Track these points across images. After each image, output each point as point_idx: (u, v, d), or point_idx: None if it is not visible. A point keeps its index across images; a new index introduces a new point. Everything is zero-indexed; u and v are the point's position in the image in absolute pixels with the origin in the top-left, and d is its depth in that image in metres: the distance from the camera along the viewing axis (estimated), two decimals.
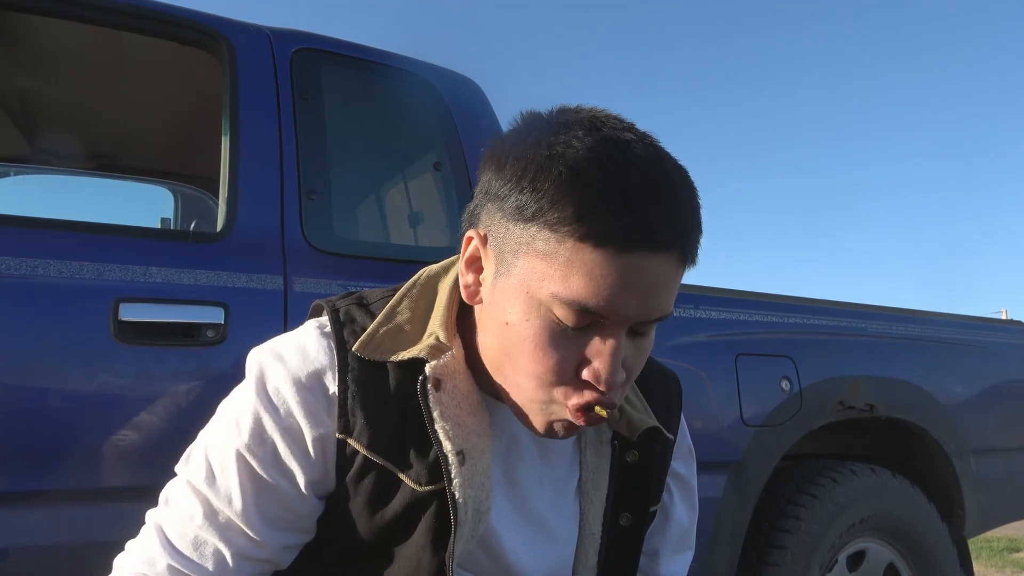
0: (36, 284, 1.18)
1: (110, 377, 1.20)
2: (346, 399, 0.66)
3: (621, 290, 0.57)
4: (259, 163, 1.43)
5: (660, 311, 0.60)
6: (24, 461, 1.13)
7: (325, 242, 1.44)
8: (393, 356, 0.68)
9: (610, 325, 0.60)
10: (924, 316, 2.33)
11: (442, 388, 0.66)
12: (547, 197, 0.58)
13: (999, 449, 2.28)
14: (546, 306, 0.60)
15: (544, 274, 0.59)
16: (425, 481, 0.67)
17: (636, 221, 0.56)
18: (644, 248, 0.57)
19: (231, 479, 0.67)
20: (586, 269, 0.57)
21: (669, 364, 0.91)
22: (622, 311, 0.58)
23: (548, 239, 0.58)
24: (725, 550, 1.71)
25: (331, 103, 1.57)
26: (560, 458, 0.76)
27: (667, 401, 0.82)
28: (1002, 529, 4.24)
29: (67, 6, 1.44)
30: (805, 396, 1.84)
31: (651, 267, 0.58)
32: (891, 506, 1.95)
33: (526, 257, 0.60)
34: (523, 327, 0.61)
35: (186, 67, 1.84)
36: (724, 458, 1.73)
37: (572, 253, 0.57)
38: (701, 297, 1.83)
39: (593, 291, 0.57)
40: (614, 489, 0.76)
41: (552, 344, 0.60)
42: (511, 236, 0.62)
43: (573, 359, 0.61)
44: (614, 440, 0.76)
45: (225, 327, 1.27)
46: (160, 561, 0.66)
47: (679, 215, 0.59)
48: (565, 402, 0.62)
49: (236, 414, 0.68)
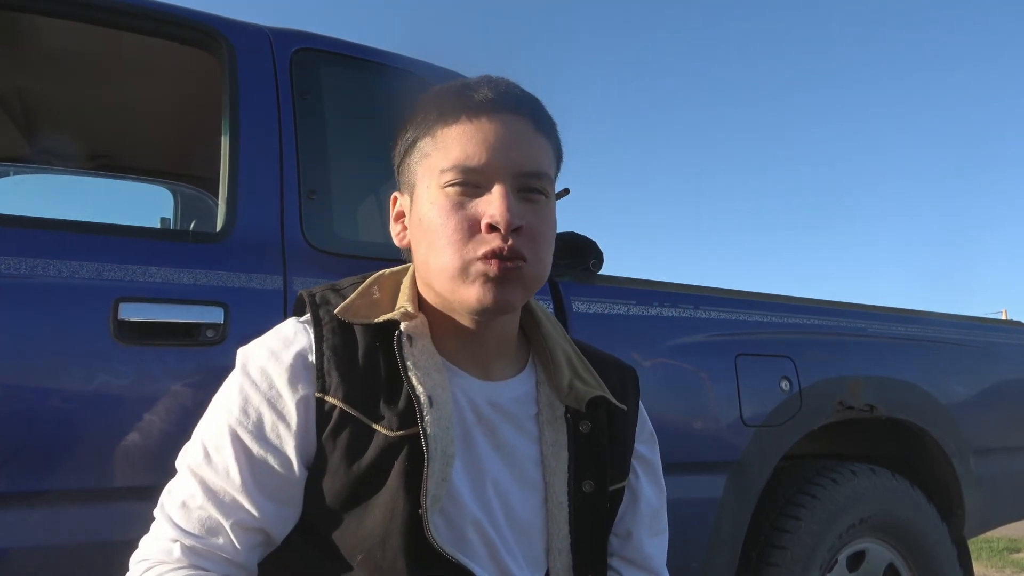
0: (36, 284, 1.18)
1: (110, 377, 1.20)
2: (322, 363, 0.75)
3: (485, 144, 0.74)
4: (259, 163, 1.43)
5: (530, 164, 0.75)
6: (24, 461, 1.13)
7: (325, 242, 1.44)
8: (369, 320, 0.78)
9: (491, 182, 0.74)
10: (924, 316, 2.33)
11: (413, 344, 0.77)
12: (418, 121, 0.79)
13: (999, 449, 2.28)
14: (440, 185, 0.75)
15: (433, 165, 0.76)
16: (396, 427, 0.74)
17: (478, 95, 0.75)
18: (487, 111, 0.75)
19: (227, 455, 0.73)
20: (456, 140, 0.74)
21: (669, 364, 0.95)
22: (493, 161, 0.73)
23: (428, 143, 0.77)
24: (725, 550, 1.71)
25: (331, 103, 1.57)
26: (515, 435, 0.82)
27: (623, 386, 0.91)
28: (1002, 529, 4.24)
29: (67, 6, 1.44)
30: (805, 396, 1.84)
31: (504, 124, 0.75)
32: (891, 506, 1.95)
33: (421, 167, 0.78)
34: (431, 211, 0.75)
35: (186, 67, 1.84)
36: (724, 458, 1.73)
37: (444, 137, 0.75)
38: (701, 297, 1.83)
39: (464, 152, 0.74)
40: (574, 459, 0.83)
41: (453, 210, 0.74)
42: (411, 167, 0.79)
43: (474, 218, 0.73)
44: (567, 414, 0.84)
45: (225, 327, 1.27)
46: (174, 548, 0.71)
47: (512, 91, 0.78)
48: (477, 256, 0.72)
49: (225, 398, 0.76)
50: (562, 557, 0.82)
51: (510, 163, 0.74)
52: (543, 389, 0.85)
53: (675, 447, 1.69)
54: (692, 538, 1.66)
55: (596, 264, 1.70)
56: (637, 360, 1.65)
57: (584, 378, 0.85)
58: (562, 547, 0.82)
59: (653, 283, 1.81)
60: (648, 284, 1.80)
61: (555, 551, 0.82)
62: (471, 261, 0.73)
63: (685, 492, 1.63)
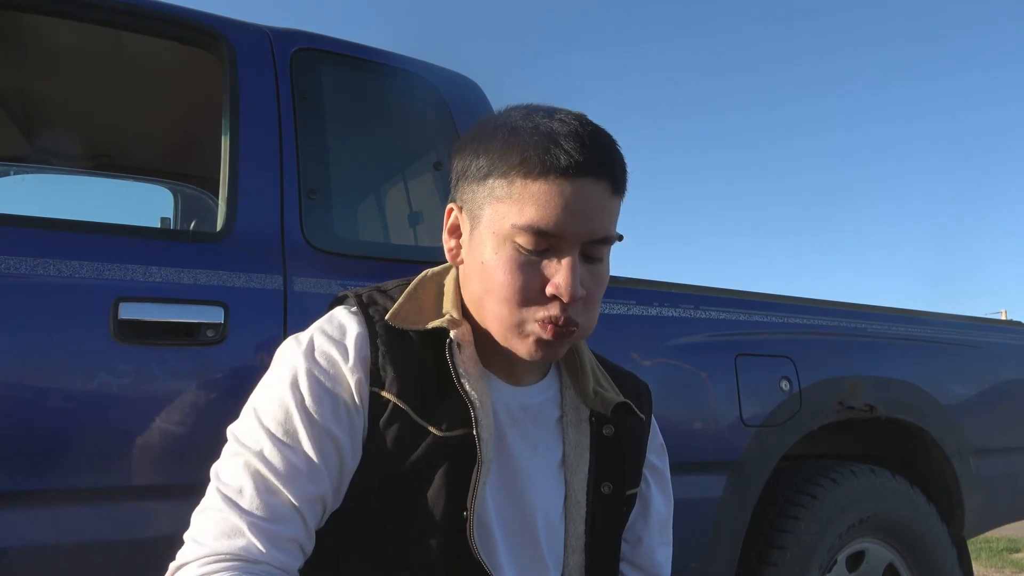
0: (36, 284, 1.18)
1: (110, 377, 1.20)
2: (377, 358, 0.77)
3: (564, 211, 0.72)
4: (259, 163, 1.43)
5: (602, 231, 0.75)
6: (24, 461, 1.13)
7: (325, 242, 1.44)
8: (418, 326, 0.79)
9: (563, 246, 0.74)
10: (924, 316, 2.33)
11: (461, 351, 0.79)
12: (495, 154, 0.75)
13: (999, 449, 2.28)
14: (509, 238, 0.74)
15: (504, 213, 0.74)
16: (445, 428, 0.77)
17: (565, 154, 0.72)
18: (576, 174, 0.72)
19: (300, 437, 0.73)
20: (534, 198, 0.73)
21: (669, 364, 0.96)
22: (569, 229, 0.73)
23: (502, 185, 0.74)
24: (725, 550, 1.71)
25: (331, 103, 1.57)
26: (543, 436, 0.85)
27: (638, 397, 0.94)
28: (1002, 529, 4.24)
29: (67, 6, 1.44)
30: (805, 396, 1.84)
31: (585, 190, 0.73)
32: (891, 506, 1.95)
33: (489, 206, 0.76)
34: (494, 261, 0.75)
35: (186, 67, 1.84)
36: (724, 458, 1.73)
37: (521, 189, 0.73)
38: (701, 297, 1.83)
39: (542, 214, 0.72)
40: (595, 461, 0.86)
41: (519, 269, 0.74)
42: (477, 196, 0.77)
43: (537, 280, 0.74)
44: (591, 418, 0.87)
45: (225, 327, 1.27)
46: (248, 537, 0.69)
47: (600, 150, 0.74)
48: (535, 319, 0.74)
49: (288, 379, 0.76)
50: (576, 556, 0.86)
51: (584, 232, 0.74)
52: (568, 393, 0.88)
53: (675, 447, 1.68)
54: (692, 538, 1.66)
55: None
56: (637, 360, 1.65)
57: (605, 387, 0.88)
58: (576, 546, 0.86)
59: (653, 283, 1.81)
60: (648, 284, 1.80)
61: (570, 550, 0.86)
62: (527, 320, 0.75)
63: (685, 492, 1.62)
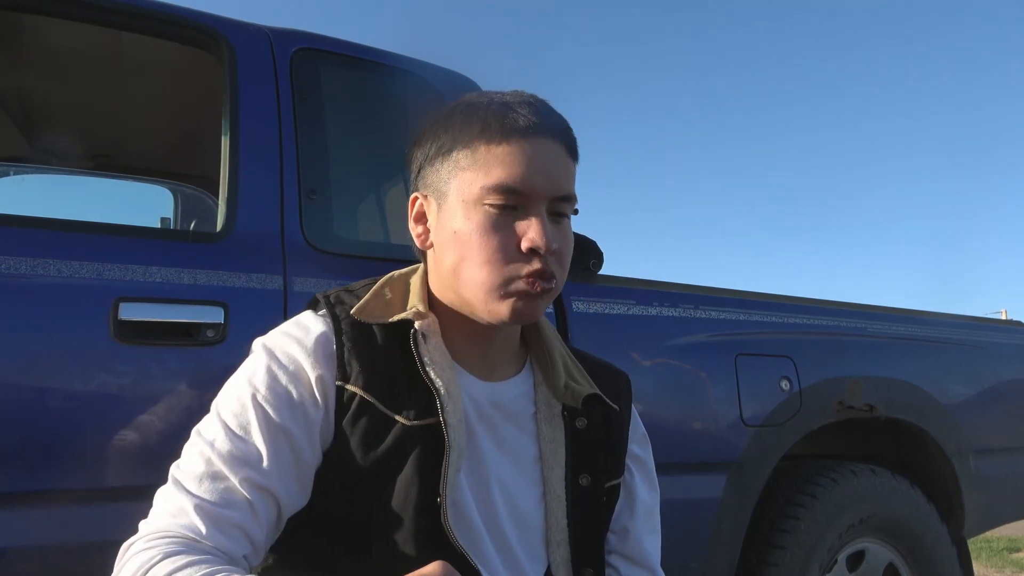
0: (36, 284, 1.19)
1: (110, 377, 1.20)
2: (343, 353, 0.78)
3: (528, 168, 0.76)
4: (259, 163, 1.43)
5: (565, 188, 0.79)
6: (24, 461, 1.13)
7: (325, 242, 1.44)
8: (384, 319, 0.81)
9: (531, 204, 0.77)
10: (924, 316, 2.33)
11: (427, 342, 0.80)
12: (456, 129, 0.79)
13: (999, 449, 2.28)
14: (479, 201, 0.77)
15: (471, 180, 0.77)
16: (413, 417, 0.78)
17: (523, 117, 0.77)
18: (535, 134, 0.77)
19: (252, 431, 0.74)
20: (499, 160, 0.76)
21: (669, 364, 0.96)
22: (535, 185, 0.76)
23: (466, 155, 0.78)
24: (725, 550, 1.71)
25: (331, 103, 1.57)
26: (515, 433, 0.86)
27: (616, 387, 0.95)
28: (1002, 529, 4.24)
29: (67, 6, 1.44)
30: (805, 396, 1.84)
31: (545, 148, 0.77)
32: (891, 506, 1.95)
33: (455, 178, 0.79)
34: (467, 226, 0.77)
35: (186, 67, 1.84)
36: (724, 458, 1.73)
37: (486, 154, 0.77)
38: (701, 297, 1.83)
39: (509, 172, 0.76)
40: (571, 454, 0.87)
41: (493, 229, 0.77)
42: (441, 173, 0.80)
43: (512, 238, 0.77)
44: (564, 412, 0.88)
45: (225, 327, 1.27)
46: (193, 517, 0.69)
47: (553, 115, 0.80)
48: (519, 275, 0.76)
49: (248, 376, 0.77)
50: (561, 550, 0.86)
51: (548, 187, 0.77)
52: (540, 389, 0.89)
53: (675, 447, 1.69)
54: (692, 538, 1.66)
55: (596, 264, 1.70)
56: (637, 360, 1.65)
57: (577, 380, 0.89)
58: (560, 540, 0.86)
59: (653, 283, 1.81)
60: (648, 284, 1.80)
61: (554, 544, 0.86)
62: (512, 279, 0.77)
63: (685, 492, 1.64)
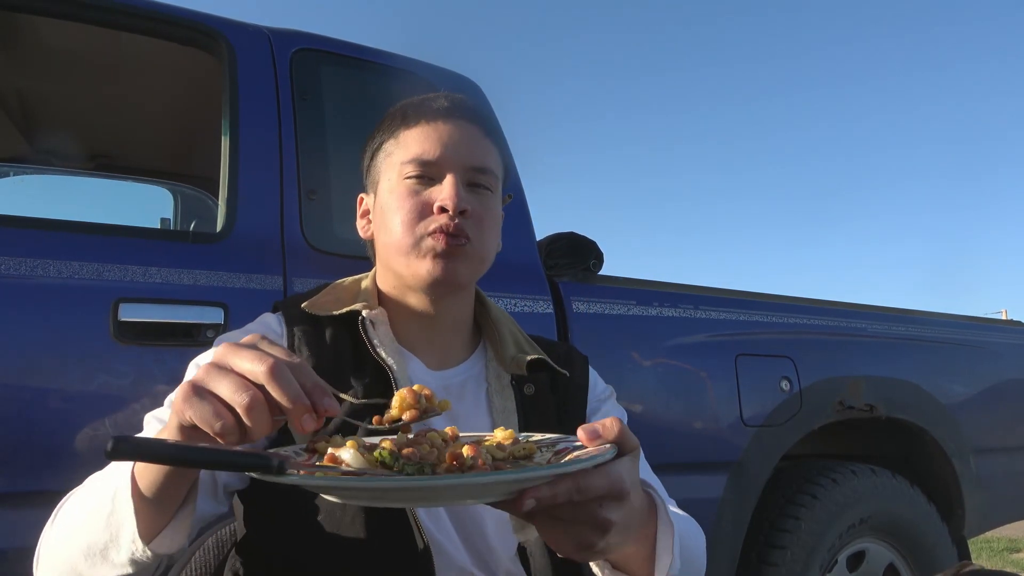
0: (36, 284, 1.18)
1: (110, 377, 1.20)
2: (293, 341, 0.85)
3: (439, 143, 0.85)
4: (259, 163, 1.43)
5: (479, 160, 0.87)
6: (24, 461, 1.13)
7: (325, 242, 1.44)
8: (334, 311, 0.87)
9: (443, 174, 0.85)
10: (924, 316, 2.33)
11: (376, 329, 0.86)
12: (384, 125, 0.91)
13: (999, 449, 2.28)
14: (400, 176, 0.86)
15: (395, 161, 0.87)
16: (362, 395, 0.81)
17: (437, 102, 0.88)
18: (447, 116, 0.87)
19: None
20: (415, 139, 0.86)
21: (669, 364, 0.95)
22: (446, 156, 0.85)
23: (391, 144, 0.89)
24: (725, 550, 1.71)
25: (331, 103, 1.57)
26: (469, 409, 0.89)
27: (568, 357, 0.99)
28: (1002, 529, 4.25)
29: (67, 6, 1.44)
30: (805, 396, 1.84)
31: (457, 128, 0.87)
32: (891, 506, 1.95)
33: (384, 165, 0.89)
34: (390, 199, 0.86)
35: (186, 67, 1.84)
36: (724, 458, 1.73)
37: (405, 137, 0.87)
38: (701, 297, 1.83)
39: (422, 147, 0.85)
40: (523, 420, 0.90)
41: (409, 195, 0.85)
42: (376, 166, 0.91)
43: (427, 202, 0.84)
44: (512, 382, 0.92)
45: (225, 327, 1.27)
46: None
47: (467, 102, 0.91)
48: (427, 232, 0.83)
49: (208, 353, 0.79)
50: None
51: (461, 158, 0.86)
52: (491, 365, 0.93)
53: (675, 447, 1.69)
54: None
55: (596, 264, 1.70)
56: (637, 360, 1.65)
57: (526, 350, 0.94)
58: None
59: (653, 283, 1.81)
60: (648, 284, 1.80)
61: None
62: (422, 237, 0.83)
63: (685, 492, 1.62)
